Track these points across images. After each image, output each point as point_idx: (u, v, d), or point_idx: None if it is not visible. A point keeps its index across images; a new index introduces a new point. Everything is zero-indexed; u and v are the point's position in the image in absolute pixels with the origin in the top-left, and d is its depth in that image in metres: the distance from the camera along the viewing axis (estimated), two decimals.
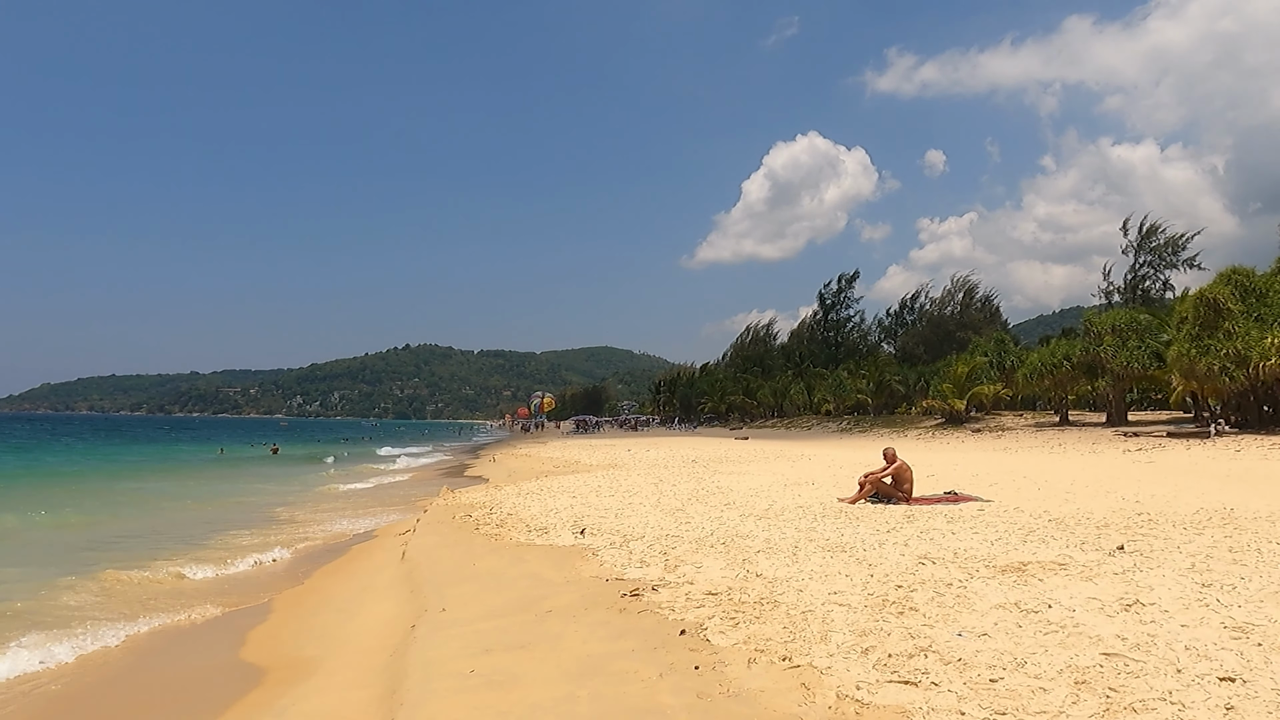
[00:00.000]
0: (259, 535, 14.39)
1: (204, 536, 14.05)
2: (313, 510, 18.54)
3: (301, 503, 20.25)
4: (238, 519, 16.74)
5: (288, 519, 17.01)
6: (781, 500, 13.05)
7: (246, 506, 19.54)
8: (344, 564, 10.97)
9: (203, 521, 16.25)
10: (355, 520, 16.40)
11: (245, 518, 16.97)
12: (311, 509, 18.77)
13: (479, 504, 14.48)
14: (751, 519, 10.95)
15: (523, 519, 12.08)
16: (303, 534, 14.58)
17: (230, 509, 18.89)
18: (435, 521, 12.61)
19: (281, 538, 13.91)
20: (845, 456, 24.60)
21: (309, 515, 17.59)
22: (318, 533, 14.78)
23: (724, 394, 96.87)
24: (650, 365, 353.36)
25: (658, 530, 10.33)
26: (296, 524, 16.12)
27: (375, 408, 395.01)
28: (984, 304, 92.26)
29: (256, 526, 15.65)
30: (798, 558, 8.04)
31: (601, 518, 11.80)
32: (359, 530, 14.91)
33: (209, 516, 17.37)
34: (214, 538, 13.90)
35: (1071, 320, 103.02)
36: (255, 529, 15.24)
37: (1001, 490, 13.61)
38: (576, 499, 14.30)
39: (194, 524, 15.93)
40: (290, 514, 17.82)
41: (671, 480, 17.71)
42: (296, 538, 13.99)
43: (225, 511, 18.22)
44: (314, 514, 17.81)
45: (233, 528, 15.20)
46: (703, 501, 13.22)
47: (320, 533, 14.78)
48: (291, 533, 14.77)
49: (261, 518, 17.09)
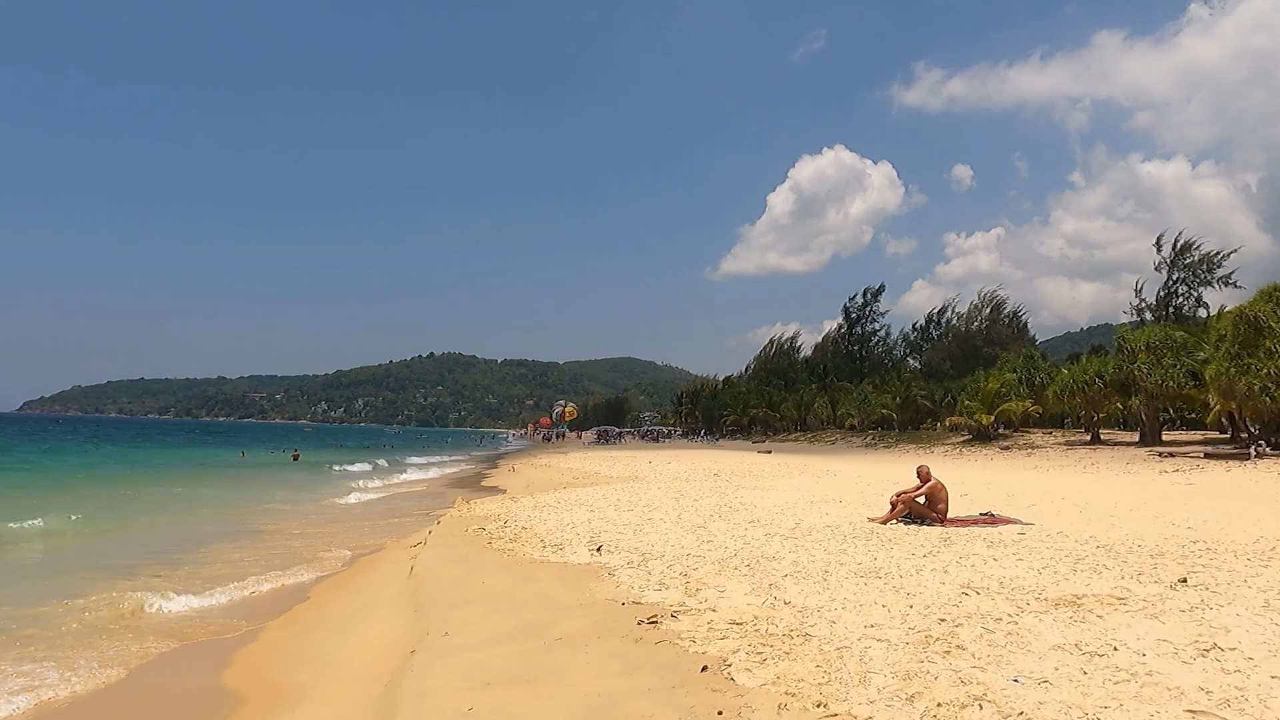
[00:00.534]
0: (250, 550, 13.57)
1: (193, 552, 13.20)
2: (318, 524, 17.50)
3: (307, 514, 19.32)
4: (236, 531, 15.88)
5: (284, 532, 16.10)
6: (809, 519, 12.45)
7: (250, 516, 18.62)
8: (349, 577, 10.51)
9: (196, 536, 15.13)
10: (361, 537, 15.21)
11: (247, 531, 16.15)
12: (317, 522, 17.86)
13: (493, 516, 14.00)
14: (778, 539, 10.38)
15: (537, 533, 11.58)
16: (296, 551, 13.68)
17: (230, 521, 17.78)
18: (447, 534, 12.14)
19: (271, 557, 13.07)
20: (872, 472, 23.89)
21: (312, 530, 16.86)
22: (309, 550, 13.55)
23: (746, 407, 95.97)
24: (673, 377, 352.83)
25: (678, 549, 9.79)
26: (290, 538, 15.18)
27: (399, 415, 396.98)
28: (1011, 320, 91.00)
29: (249, 541, 14.75)
30: (829, 584, 7.47)
31: (620, 534, 11.27)
32: (350, 555, 12.97)
33: (209, 529, 16.33)
34: (205, 551, 13.27)
35: (1100, 337, 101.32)
36: (248, 544, 14.28)
37: (1040, 512, 12.92)
38: (594, 513, 13.79)
39: (187, 539, 14.86)
40: (292, 527, 16.88)
41: (693, 495, 17.14)
42: (287, 556, 13.05)
43: (226, 524, 17.32)
44: (316, 528, 16.88)
45: (223, 541, 14.50)
46: (726, 518, 12.65)
47: (314, 551, 13.46)
48: (280, 549, 13.87)
49: (255, 530, 16.09)
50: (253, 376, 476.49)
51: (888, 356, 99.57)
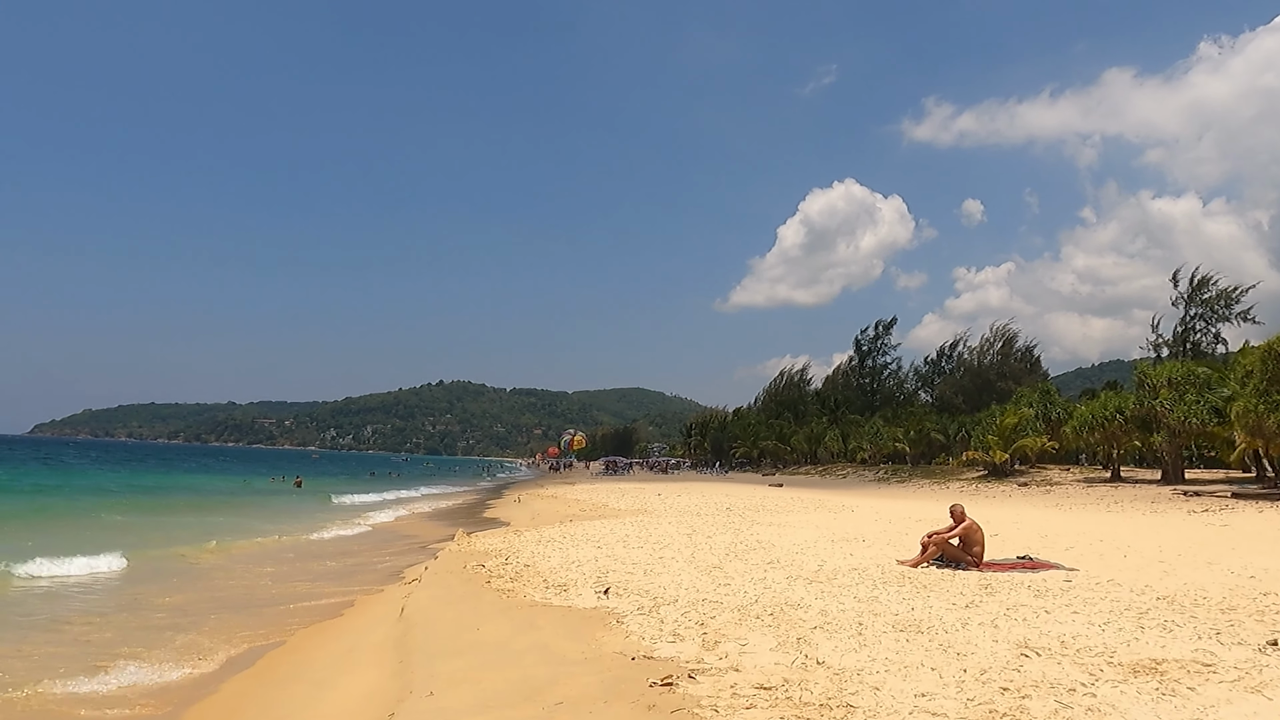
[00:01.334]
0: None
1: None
2: (292, 562, 15.90)
3: (281, 552, 17.58)
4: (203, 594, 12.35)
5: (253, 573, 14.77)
6: (832, 560, 11.57)
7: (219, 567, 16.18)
8: (334, 621, 9.68)
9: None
10: (347, 578, 13.54)
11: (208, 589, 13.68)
12: (294, 560, 16.23)
13: (494, 551, 13.18)
14: (801, 583, 9.52)
15: (540, 572, 10.75)
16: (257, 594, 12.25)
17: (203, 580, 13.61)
18: (444, 571, 11.32)
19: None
20: (891, 509, 22.95)
21: (284, 568, 15.48)
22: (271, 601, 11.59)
23: (756, 439, 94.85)
24: (681, 408, 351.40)
25: (693, 593, 8.96)
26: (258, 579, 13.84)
27: (407, 442, 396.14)
28: (1024, 354, 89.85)
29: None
30: (864, 638, 6.63)
31: (629, 574, 10.44)
32: (331, 602, 11.23)
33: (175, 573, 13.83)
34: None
35: (1112, 373, 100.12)
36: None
37: (1081, 556, 12.01)
38: (602, 550, 12.94)
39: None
40: (264, 567, 15.45)
41: (706, 531, 16.24)
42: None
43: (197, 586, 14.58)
44: (289, 566, 15.46)
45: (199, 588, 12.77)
46: (743, 558, 11.79)
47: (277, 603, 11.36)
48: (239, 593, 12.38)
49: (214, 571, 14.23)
50: (263, 402, 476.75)
51: (899, 390, 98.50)
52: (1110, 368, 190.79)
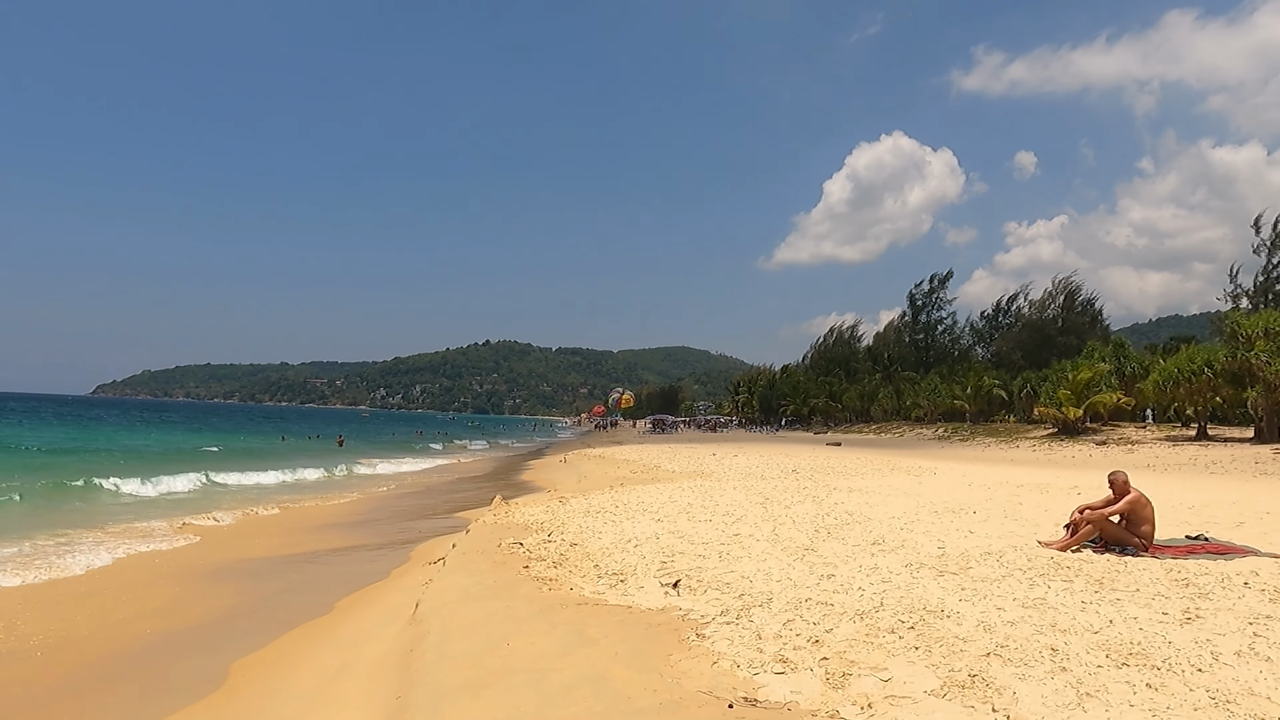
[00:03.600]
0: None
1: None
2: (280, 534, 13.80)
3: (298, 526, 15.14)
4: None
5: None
6: (952, 540, 9.32)
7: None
8: (329, 620, 7.76)
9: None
10: (344, 562, 11.06)
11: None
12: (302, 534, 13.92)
13: (535, 524, 11.20)
14: (928, 574, 7.34)
15: (590, 553, 8.73)
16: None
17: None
18: (473, 551, 9.35)
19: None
20: (981, 473, 20.48)
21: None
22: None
23: (807, 397, 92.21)
24: (727, 366, 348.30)
25: (790, 588, 6.85)
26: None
27: (455, 402, 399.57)
28: (1085, 308, 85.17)
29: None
30: (1076, 677, 4.45)
31: (700, 557, 8.36)
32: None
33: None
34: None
35: (1169, 328, 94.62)
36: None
37: (1264, 535, 9.59)
38: (663, 524, 10.86)
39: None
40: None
41: (781, 499, 13.95)
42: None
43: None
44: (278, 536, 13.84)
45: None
46: (837, 536, 9.60)
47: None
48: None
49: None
50: (314, 363, 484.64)
51: (954, 346, 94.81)
52: (1168, 323, 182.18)
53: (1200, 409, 43.58)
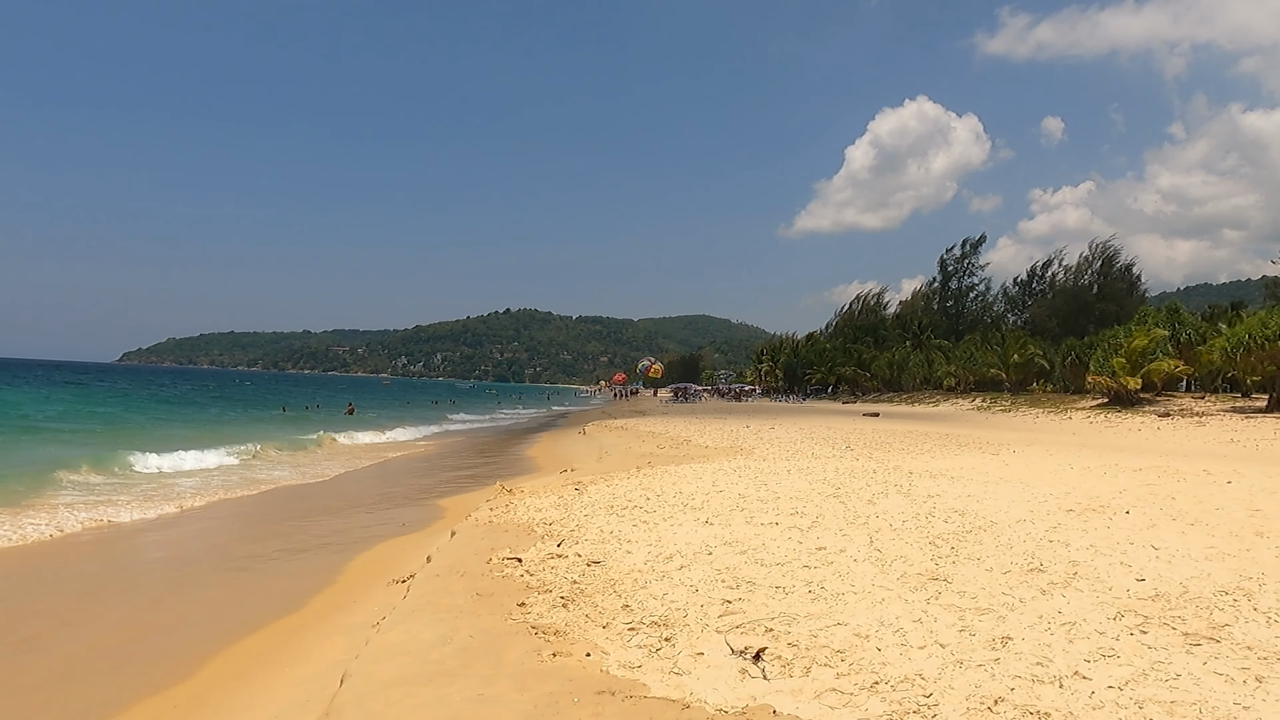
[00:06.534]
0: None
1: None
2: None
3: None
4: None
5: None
6: (1139, 562, 6.45)
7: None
8: (186, 694, 5.07)
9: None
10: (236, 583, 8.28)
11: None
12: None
13: (541, 527, 8.49)
14: (1164, 636, 4.53)
15: (616, 581, 6.03)
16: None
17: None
18: (451, 571, 6.64)
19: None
20: (1066, 452, 17.54)
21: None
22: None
23: (833, 366, 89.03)
24: (747, 335, 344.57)
25: (949, 666, 4.15)
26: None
27: (476, 370, 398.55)
28: (1123, 274, 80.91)
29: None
30: None
31: (780, 591, 5.64)
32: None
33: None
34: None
35: (1198, 297, 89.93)
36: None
37: None
38: (713, 527, 8.09)
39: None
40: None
41: (854, 488, 10.84)
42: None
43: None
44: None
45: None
46: (966, 553, 6.76)
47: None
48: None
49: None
50: (336, 331, 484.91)
51: (986, 313, 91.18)
52: (1197, 291, 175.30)
53: (1258, 379, 40.36)
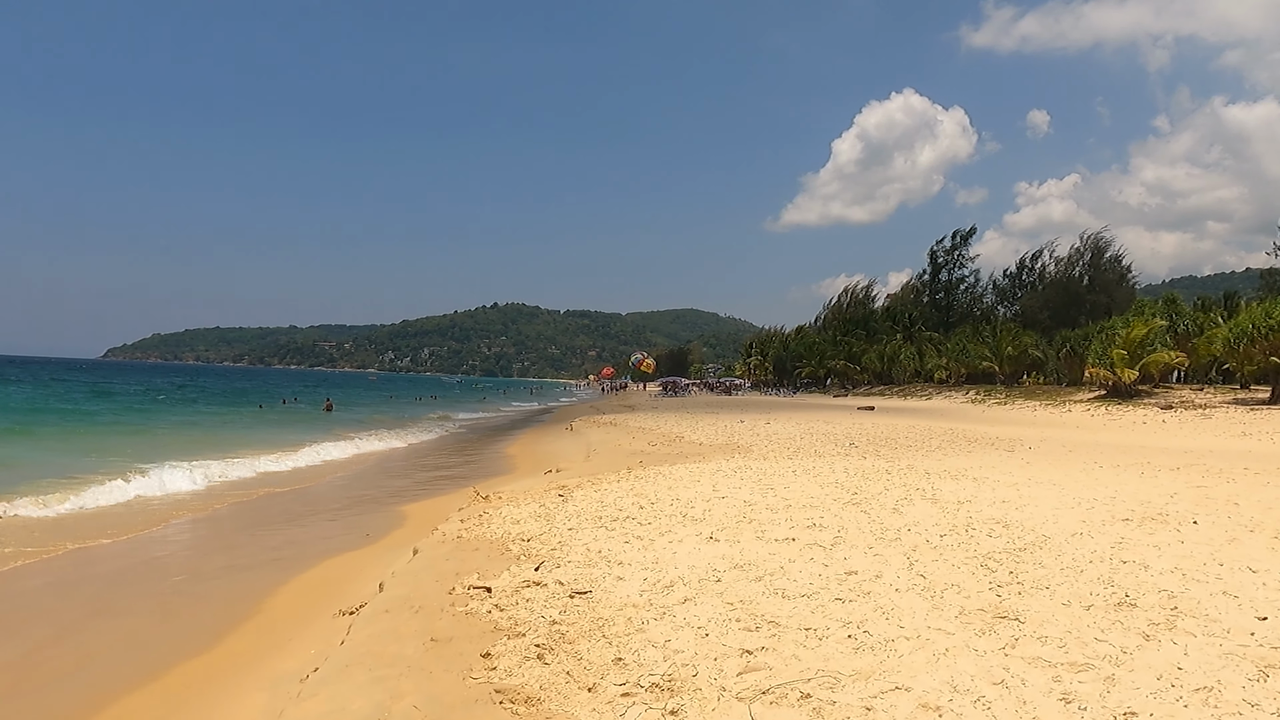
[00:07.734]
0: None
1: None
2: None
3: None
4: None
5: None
6: (1234, 586, 5.36)
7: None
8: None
9: None
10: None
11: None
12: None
13: (519, 539, 7.34)
14: None
15: (605, 621, 4.89)
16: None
17: None
18: (405, 606, 5.46)
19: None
20: (1084, 449, 16.49)
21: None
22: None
23: (823, 358, 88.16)
24: (735, 329, 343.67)
25: None
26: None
27: (464, 364, 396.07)
28: (1113, 265, 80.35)
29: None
30: None
31: (812, 635, 4.53)
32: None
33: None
34: None
35: (1183, 289, 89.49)
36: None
37: None
38: (719, 543, 6.95)
39: None
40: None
41: (874, 493, 9.66)
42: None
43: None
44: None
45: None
46: (1025, 578, 5.59)
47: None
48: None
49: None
50: (323, 326, 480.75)
51: (976, 305, 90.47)
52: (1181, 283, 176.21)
53: (1252, 370, 39.69)
